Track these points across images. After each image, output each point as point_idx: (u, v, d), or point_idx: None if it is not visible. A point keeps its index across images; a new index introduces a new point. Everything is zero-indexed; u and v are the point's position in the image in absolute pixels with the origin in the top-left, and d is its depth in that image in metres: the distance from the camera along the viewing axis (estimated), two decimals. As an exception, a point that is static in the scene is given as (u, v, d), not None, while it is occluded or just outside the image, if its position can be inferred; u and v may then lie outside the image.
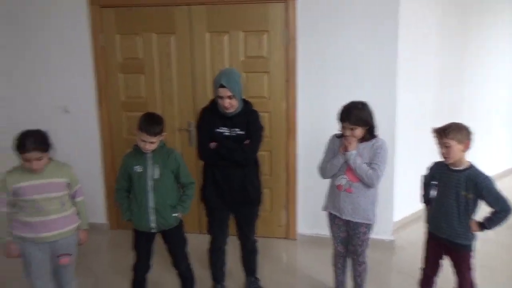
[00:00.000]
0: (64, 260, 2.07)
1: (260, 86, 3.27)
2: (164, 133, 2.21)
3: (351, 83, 3.10)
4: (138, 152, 2.20)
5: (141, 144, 2.14)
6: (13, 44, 3.47)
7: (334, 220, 2.35)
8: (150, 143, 2.13)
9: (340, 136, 2.26)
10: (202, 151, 2.38)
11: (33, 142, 1.87)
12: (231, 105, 2.25)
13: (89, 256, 3.07)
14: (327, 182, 2.38)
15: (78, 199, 2.14)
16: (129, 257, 2.36)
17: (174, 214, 2.24)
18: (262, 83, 3.27)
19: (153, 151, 2.18)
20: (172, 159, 2.23)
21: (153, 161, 2.18)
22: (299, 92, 3.22)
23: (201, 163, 2.47)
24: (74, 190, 2.12)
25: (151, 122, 2.13)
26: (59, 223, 2.02)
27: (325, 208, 2.40)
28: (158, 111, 3.36)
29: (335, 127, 2.26)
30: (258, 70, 3.26)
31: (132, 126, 3.45)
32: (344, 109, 2.17)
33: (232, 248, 2.66)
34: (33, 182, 1.95)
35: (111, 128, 3.53)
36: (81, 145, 3.51)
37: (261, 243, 2.68)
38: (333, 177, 2.30)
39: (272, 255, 3.17)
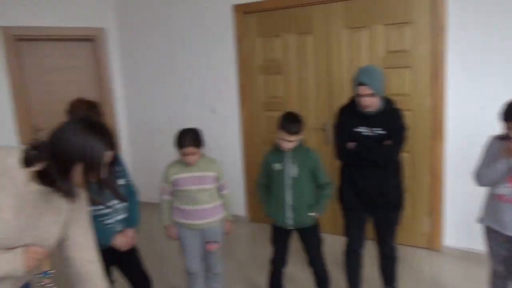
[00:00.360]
0: (212, 247, 2.29)
1: (401, 82, 3.05)
2: (303, 132, 2.23)
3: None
4: (278, 151, 2.27)
5: (281, 143, 2.21)
6: (168, 50, 3.99)
7: (493, 235, 2.03)
8: (289, 142, 2.18)
9: (503, 138, 1.93)
10: (340, 151, 2.33)
11: (190, 139, 2.11)
12: (371, 103, 2.14)
13: (231, 246, 3.33)
14: (482, 189, 2.07)
15: (225, 192, 2.33)
16: (267, 250, 2.47)
17: (310, 214, 2.25)
18: (403, 79, 3.05)
19: (292, 150, 2.23)
20: (310, 158, 2.24)
21: (292, 160, 2.23)
22: (448, 87, 2.88)
23: (338, 163, 2.43)
24: (221, 183, 2.30)
25: (291, 121, 2.18)
26: (208, 213, 2.23)
27: (482, 220, 2.09)
28: (295, 109, 3.43)
29: (494, 128, 1.96)
30: (399, 65, 3.05)
31: (270, 125, 3.63)
32: (509, 107, 1.85)
33: (370, 254, 2.55)
34: (188, 175, 2.20)
35: (251, 127, 3.76)
36: (225, 142, 3.83)
37: (401, 251, 2.50)
38: (493, 185, 1.99)
39: (413, 266, 2.93)
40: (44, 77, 4.12)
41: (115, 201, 1.93)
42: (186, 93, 3.99)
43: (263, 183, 2.38)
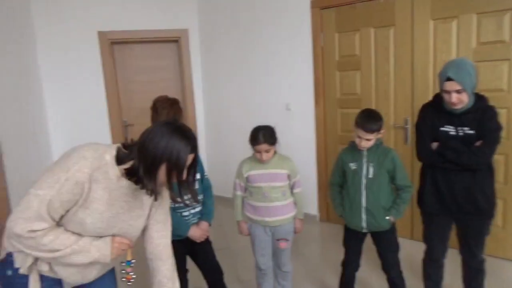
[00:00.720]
0: (282, 244, 2.28)
1: (497, 77, 2.74)
2: (382, 131, 2.12)
3: None
4: (354, 149, 2.19)
5: (357, 141, 2.12)
6: (245, 49, 4.07)
7: None
8: (366, 140, 2.08)
9: None
10: (422, 152, 2.17)
11: (263, 136, 2.12)
12: (459, 100, 1.95)
13: (302, 244, 3.31)
14: None
15: (296, 190, 2.30)
16: (338, 251, 2.40)
17: (387, 217, 2.14)
18: (500, 73, 2.74)
19: (369, 149, 2.13)
20: (388, 159, 2.12)
21: (368, 159, 2.14)
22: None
23: (419, 164, 2.27)
24: (293, 181, 2.28)
25: (369, 118, 2.08)
26: (280, 211, 2.22)
27: None
28: (372, 106, 3.30)
29: None
30: (495, 57, 2.74)
31: (345, 123, 3.52)
32: None
33: (451, 262, 2.34)
34: (261, 171, 2.21)
35: (326, 125, 3.68)
36: (299, 140, 3.80)
37: (489, 263, 2.25)
38: None
39: (503, 280, 2.63)
40: (133, 77, 4.49)
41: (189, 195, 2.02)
42: (261, 91, 4.04)
43: (337, 183, 2.31)
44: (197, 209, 2.10)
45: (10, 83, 3.33)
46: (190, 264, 2.22)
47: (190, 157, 1.26)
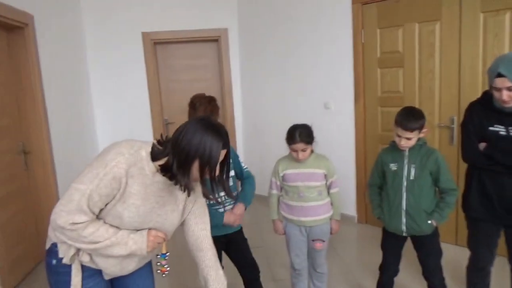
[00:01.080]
0: (318, 245, 2.24)
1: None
2: (424, 130, 2.02)
3: None
4: (394, 149, 2.11)
5: (397, 140, 2.04)
6: (283, 46, 4.04)
7: None
8: (406, 139, 2.00)
9: None
10: (468, 152, 2.05)
11: (300, 135, 2.08)
12: (511, 98, 1.82)
13: (338, 246, 3.24)
14: None
15: (333, 190, 2.24)
16: (376, 254, 2.33)
17: (429, 221, 2.04)
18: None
19: (411, 149, 2.04)
20: (432, 160, 2.02)
21: (409, 160, 2.05)
22: None
23: (464, 165, 2.14)
24: (330, 181, 2.23)
25: (409, 116, 1.99)
26: (316, 211, 2.19)
27: None
28: (416, 106, 3.16)
29: None
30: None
31: (386, 122, 3.40)
32: None
33: (499, 271, 2.20)
34: (297, 171, 2.19)
35: (365, 124, 3.58)
36: (337, 139, 3.73)
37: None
38: None
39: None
40: (174, 76, 4.60)
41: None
42: (300, 88, 4.00)
43: (376, 184, 2.24)
44: (232, 206, 2.11)
45: (61, 83, 3.52)
46: (226, 261, 2.24)
47: (223, 153, 1.27)
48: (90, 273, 1.40)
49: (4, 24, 2.76)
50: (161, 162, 1.29)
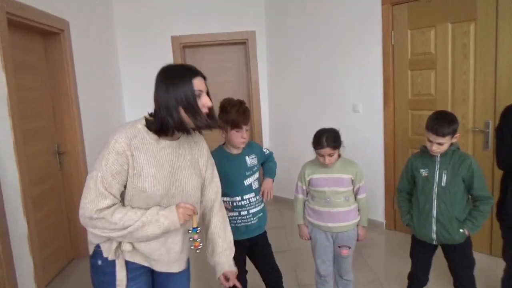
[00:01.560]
0: (344, 252, 2.20)
1: None
2: (457, 135, 1.95)
3: None
4: (425, 154, 2.04)
5: (428, 145, 1.98)
6: (311, 48, 4.00)
7: None
8: (437, 144, 1.93)
9: None
10: (503, 158, 1.96)
11: (327, 140, 2.05)
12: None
13: (365, 252, 3.17)
14: None
15: (361, 196, 2.20)
16: (404, 262, 2.27)
17: (461, 230, 1.96)
18: None
19: (443, 154, 1.97)
20: (465, 166, 1.94)
21: (441, 166, 1.98)
22: None
23: (500, 172, 2.05)
24: (358, 187, 2.18)
25: (441, 121, 1.92)
26: (342, 216, 2.15)
27: None
28: (448, 109, 3.06)
29: None
30: None
31: (417, 125, 3.31)
32: None
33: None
34: (324, 175, 2.16)
35: (395, 127, 3.49)
36: (366, 143, 3.65)
37: None
38: None
39: None
40: (202, 78, 4.65)
41: (250, 195, 2.05)
42: (327, 91, 3.95)
43: (405, 190, 2.18)
44: (257, 208, 2.10)
45: (94, 87, 3.63)
46: (249, 265, 2.24)
47: (198, 82, 1.36)
48: (135, 275, 1.42)
49: (41, 30, 2.88)
50: (157, 126, 1.36)
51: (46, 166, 3.03)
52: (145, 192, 1.33)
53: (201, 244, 1.44)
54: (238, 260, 2.09)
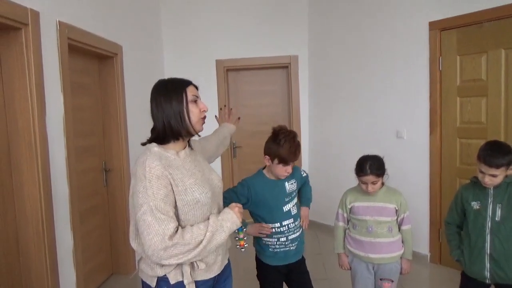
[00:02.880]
0: (386, 285, 2.10)
1: None
2: None
3: None
4: (477, 186, 1.93)
5: (480, 176, 1.87)
6: (355, 73, 3.97)
7: None
8: (490, 176, 1.82)
9: None
10: None
11: (371, 167, 1.99)
12: None
13: (408, 286, 3.00)
14: None
15: (405, 227, 2.10)
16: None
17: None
18: None
19: (497, 186, 1.85)
20: None
21: (495, 199, 1.86)
22: None
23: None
24: (402, 217, 2.10)
25: (494, 152, 1.82)
26: (385, 247, 2.06)
27: None
28: (501, 138, 2.90)
29: None
30: None
31: (466, 154, 3.15)
32: None
33: None
34: (366, 204, 2.09)
35: (442, 156, 3.34)
36: (410, 171, 3.51)
37: None
38: None
39: None
40: (243, 101, 4.74)
41: (289, 221, 2.01)
42: (371, 117, 3.88)
43: (454, 223, 2.07)
44: (296, 234, 2.05)
45: (142, 108, 3.79)
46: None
47: (192, 89, 1.46)
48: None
49: (97, 54, 3.08)
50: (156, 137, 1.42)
51: (94, 183, 3.16)
52: (198, 202, 1.36)
53: (246, 244, 1.49)
54: (276, 286, 2.05)
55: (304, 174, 2.25)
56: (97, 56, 3.18)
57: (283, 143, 1.88)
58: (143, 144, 1.46)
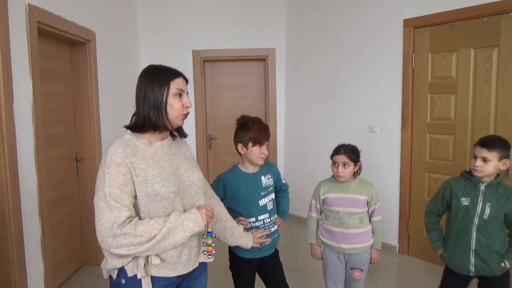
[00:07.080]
0: (356, 274, 2.15)
1: None
2: (505, 161, 1.87)
3: None
4: (468, 181, 1.96)
5: (472, 163, 1.90)
6: (330, 67, 4.02)
7: None
8: (482, 161, 1.86)
9: None
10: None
11: (345, 148, 2.08)
12: None
13: (377, 276, 3.10)
14: None
15: (375, 218, 2.16)
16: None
17: (502, 264, 1.90)
18: None
19: (489, 186, 1.90)
20: (511, 200, 1.88)
21: (485, 197, 1.90)
22: None
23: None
24: (373, 208, 2.15)
25: (491, 136, 1.91)
26: (356, 238, 2.11)
27: None
28: (468, 134, 3.02)
29: None
30: None
31: (435, 149, 3.26)
32: None
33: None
34: (339, 195, 2.13)
35: (412, 150, 3.45)
36: (381, 164, 3.61)
37: None
38: None
39: None
40: (219, 93, 4.71)
41: (264, 215, 2.02)
42: (344, 111, 3.94)
43: (438, 212, 2.11)
44: (272, 230, 2.06)
45: (115, 96, 3.70)
46: (258, 283, 2.21)
47: (180, 81, 1.41)
48: (162, 285, 1.38)
49: (69, 39, 2.98)
50: (139, 126, 1.39)
51: (64, 172, 3.08)
52: (158, 194, 1.31)
53: (214, 251, 1.44)
54: (248, 278, 2.07)
55: (284, 181, 2.22)
56: (69, 42, 3.08)
57: (251, 125, 1.96)
58: (125, 127, 1.43)
